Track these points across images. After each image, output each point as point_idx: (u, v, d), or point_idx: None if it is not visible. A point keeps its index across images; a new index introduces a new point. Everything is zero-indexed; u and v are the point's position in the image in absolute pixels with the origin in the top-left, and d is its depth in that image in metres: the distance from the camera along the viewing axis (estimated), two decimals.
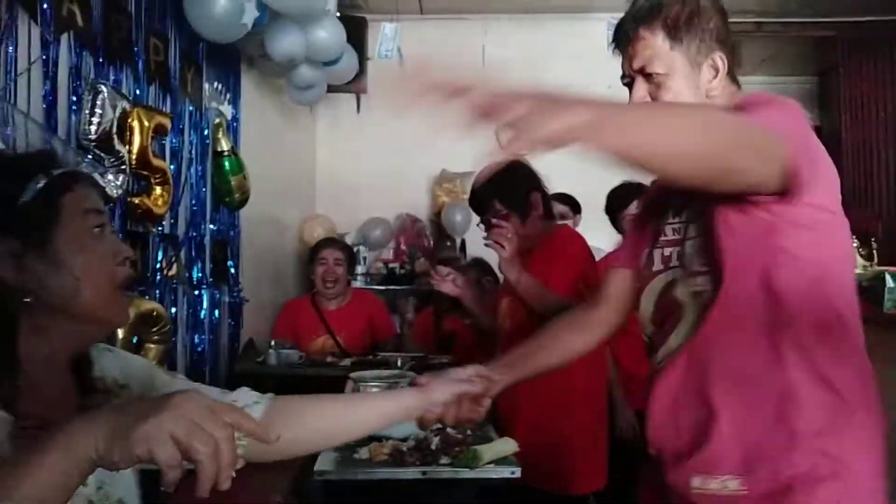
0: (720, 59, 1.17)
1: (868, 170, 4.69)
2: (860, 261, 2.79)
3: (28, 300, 0.80)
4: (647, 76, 1.18)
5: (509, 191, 2.10)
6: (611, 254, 1.46)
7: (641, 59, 1.18)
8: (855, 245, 2.81)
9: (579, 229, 2.83)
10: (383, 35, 3.75)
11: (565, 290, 1.97)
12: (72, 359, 0.87)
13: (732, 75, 1.21)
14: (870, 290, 2.56)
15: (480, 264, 3.18)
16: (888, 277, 2.59)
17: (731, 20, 1.25)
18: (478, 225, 2.20)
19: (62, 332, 0.83)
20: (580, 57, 4.28)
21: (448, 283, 2.27)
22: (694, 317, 1.16)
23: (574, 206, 3.47)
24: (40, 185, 0.81)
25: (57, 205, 0.82)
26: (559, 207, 3.47)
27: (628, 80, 1.22)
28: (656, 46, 1.16)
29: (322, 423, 1.07)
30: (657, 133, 0.85)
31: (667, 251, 1.24)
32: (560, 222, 2.69)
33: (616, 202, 2.85)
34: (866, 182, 4.70)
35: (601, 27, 3.86)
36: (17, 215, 0.79)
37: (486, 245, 2.05)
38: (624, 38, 1.21)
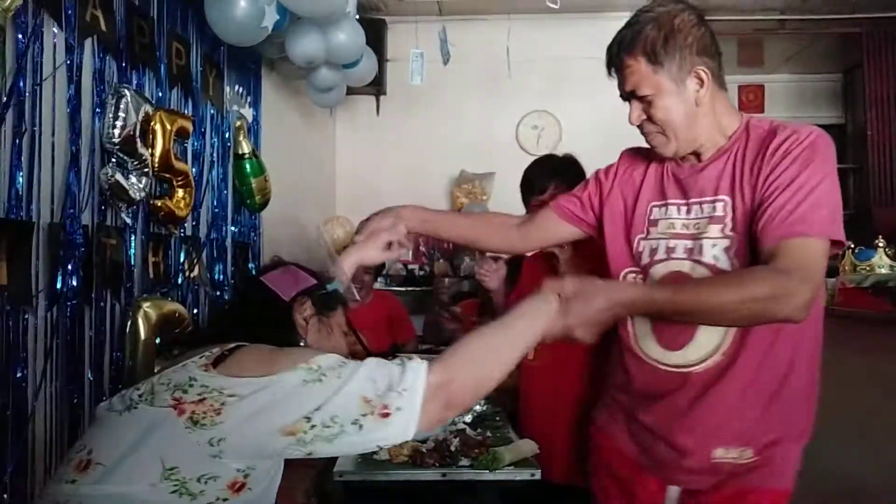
0: (703, 71, 1.29)
1: (894, 167, 4.60)
2: (887, 261, 2.73)
3: (303, 344, 1.22)
4: (639, 98, 1.32)
5: (569, 176, 2.08)
6: (561, 198, 1.66)
7: (630, 83, 1.32)
8: (881, 244, 2.76)
9: None
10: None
11: None
12: None
13: (719, 79, 1.33)
14: None
15: (513, 261, 3.14)
16: None
17: (754, 18, 1.29)
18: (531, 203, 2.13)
19: None
20: (600, 56, 4.26)
21: (496, 277, 2.25)
22: None
23: None
24: (336, 288, 1.34)
25: (338, 304, 1.34)
26: None
27: (626, 100, 1.36)
28: (640, 71, 1.29)
29: None
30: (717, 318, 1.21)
31: (671, 243, 1.37)
32: None
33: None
34: (892, 179, 4.62)
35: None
36: (321, 293, 1.30)
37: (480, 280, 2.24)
38: (612, 65, 1.36)
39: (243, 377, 0.97)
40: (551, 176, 2.07)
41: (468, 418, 1.95)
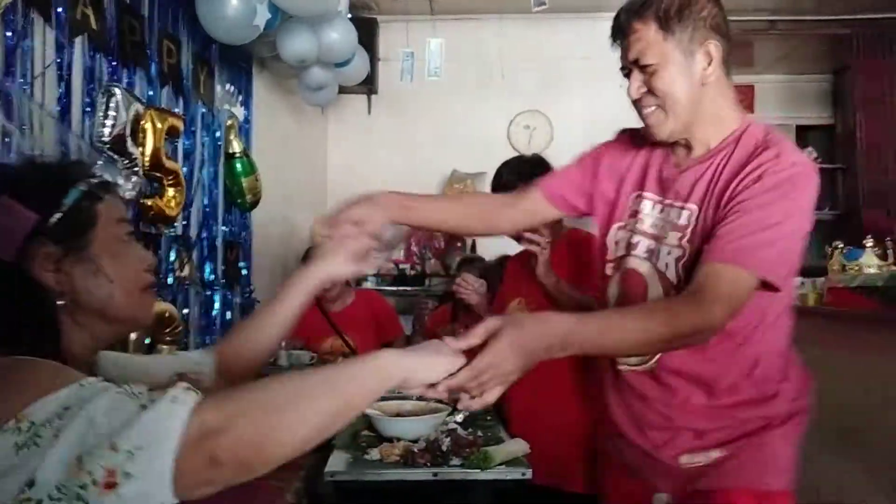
0: (714, 46, 1.22)
1: (882, 168, 4.63)
2: (875, 261, 2.75)
3: (63, 302, 0.85)
4: (642, 67, 1.23)
5: (536, 177, 2.08)
6: (550, 179, 1.55)
7: (635, 51, 1.23)
8: (869, 245, 2.78)
9: None
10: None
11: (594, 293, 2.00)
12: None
13: (727, 65, 1.27)
14: (885, 291, 2.54)
15: (496, 264, 3.15)
16: None
17: (744, 18, 1.26)
18: None
19: (98, 330, 0.89)
20: (592, 56, 4.28)
21: (475, 293, 2.28)
22: None
23: None
24: (80, 193, 0.87)
25: (94, 212, 0.88)
26: None
27: (626, 71, 1.28)
28: (649, 38, 1.22)
29: (261, 333, 1.19)
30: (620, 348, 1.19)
31: (635, 238, 1.33)
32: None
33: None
34: (880, 180, 4.65)
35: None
36: (59, 222, 0.84)
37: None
38: (619, 31, 1.27)
39: None
40: (518, 178, 2.07)
41: (459, 418, 1.95)
